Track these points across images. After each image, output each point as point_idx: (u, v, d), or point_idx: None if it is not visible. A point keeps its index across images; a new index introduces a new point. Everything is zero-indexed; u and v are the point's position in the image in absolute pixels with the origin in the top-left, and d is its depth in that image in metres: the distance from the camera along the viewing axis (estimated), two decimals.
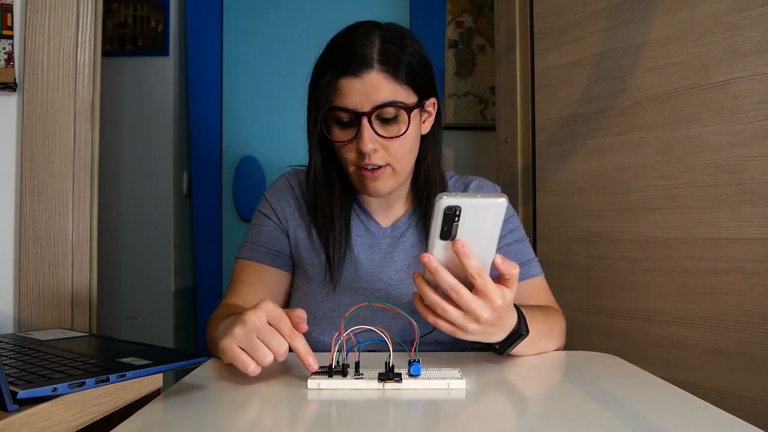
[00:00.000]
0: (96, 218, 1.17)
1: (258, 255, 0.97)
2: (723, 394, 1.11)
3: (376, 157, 0.87)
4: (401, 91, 0.87)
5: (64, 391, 0.53)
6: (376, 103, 0.85)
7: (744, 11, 1.10)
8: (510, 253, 0.97)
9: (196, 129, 2.13)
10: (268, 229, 0.99)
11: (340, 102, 0.86)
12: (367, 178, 0.89)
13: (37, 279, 1.11)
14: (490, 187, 1.03)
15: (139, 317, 2.04)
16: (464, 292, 0.65)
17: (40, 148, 1.11)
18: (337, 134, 0.89)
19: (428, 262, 0.64)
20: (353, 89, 0.85)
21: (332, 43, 0.91)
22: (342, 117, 0.87)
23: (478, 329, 0.68)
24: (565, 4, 1.44)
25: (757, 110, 1.08)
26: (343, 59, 0.86)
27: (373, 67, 0.85)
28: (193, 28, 2.11)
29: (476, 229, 0.63)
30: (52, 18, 1.12)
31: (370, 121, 0.85)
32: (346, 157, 0.90)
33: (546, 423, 0.56)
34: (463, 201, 0.61)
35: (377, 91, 0.85)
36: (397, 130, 0.87)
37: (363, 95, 0.85)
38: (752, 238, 1.09)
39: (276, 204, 1.00)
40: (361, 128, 0.85)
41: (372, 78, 0.85)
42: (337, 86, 0.86)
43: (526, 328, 0.77)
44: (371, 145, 0.85)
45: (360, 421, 0.58)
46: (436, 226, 0.63)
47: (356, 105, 0.85)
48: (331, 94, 0.86)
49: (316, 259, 0.97)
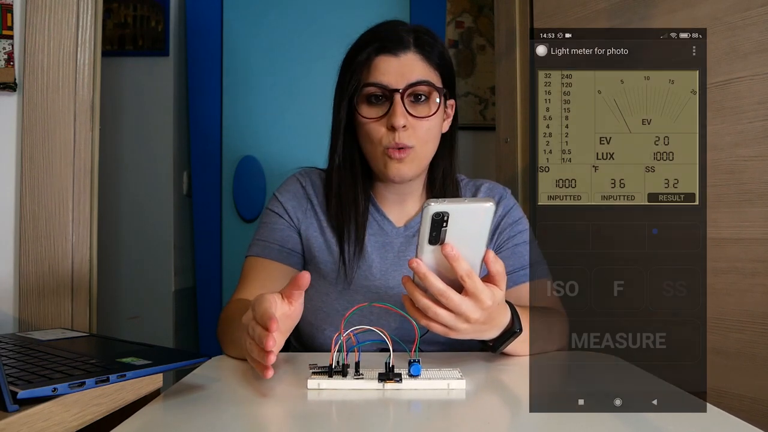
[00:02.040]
0: (96, 218, 1.17)
1: (271, 252, 0.97)
2: (723, 394, 1.11)
3: (404, 137, 0.89)
4: (433, 74, 0.92)
5: (64, 391, 0.53)
6: (410, 81, 0.89)
7: (744, 11, 1.10)
8: (516, 254, 0.97)
9: (196, 129, 2.13)
10: (280, 227, 0.99)
11: (375, 78, 0.90)
12: (393, 158, 0.90)
13: (37, 279, 1.11)
14: (499, 189, 1.04)
15: (139, 317, 2.03)
16: (453, 296, 0.66)
17: (40, 148, 1.11)
18: (367, 111, 0.91)
19: (417, 268, 0.66)
20: (390, 67, 0.89)
21: (367, 31, 0.95)
22: (375, 93, 0.90)
23: (469, 329, 0.69)
24: (565, 4, 1.44)
25: (757, 110, 1.08)
26: (381, 39, 0.91)
27: (409, 48, 0.90)
28: (193, 28, 2.11)
29: (464, 234, 0.64)
30: (52, 18, 1.12)
31: (402, 98, 0.89)
32: (373, 136, 0.91)
33: (546, 423, 0.56)
34: (450, 207, 0.62)
35: (413, 70, 0.89)
36: (427, 110, 0.91)
37: (399, 73, 0.89)
38: (752, 238, 1.09)
39: (288, 203, 1.00)
40: (393, 104, 0.88)
41: (408, 58, 0.90)
42: (373, 63, 0.90)
43: (519, 325, 0.77)
44: (402, 120, 0.88)
45: (360, 421, 0.58)
46: (425, 231, 0.64)
47: (390, 82, 0.89)
48: (365, 71, 0.91)
49: (329, 257, 0.97)
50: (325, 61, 0.95)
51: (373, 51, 0.90)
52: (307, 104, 2.05)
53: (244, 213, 2.11)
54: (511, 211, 1.00)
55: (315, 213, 1.00)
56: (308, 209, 1.00)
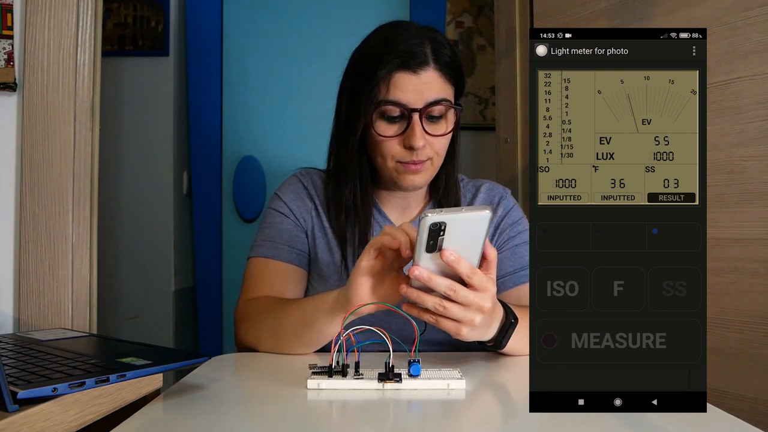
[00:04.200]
0: (96, 218, 1.17)
1: (280, 253, 0.95)
2: (723, 394, 1.11)
3: (422, 153, 0.89)
4: (449, 90, 0.90)
5: (64, 391, 0.53)
6: (428, 100, 0.87)
7: (744, 11, 1.10)
8: (517, 255, 0.97)
9: (196, 129, 2.13)
10: (287, 228, 0.98)
11: (394, 96, 0.87)
12: (409, 171, 0.90)
13: (37, 279, 1.11)
14: (499, 190, 1.04)
15: (139, 317, 2.03)
16: (461, 289, 0.67)
17: (40, 148, 1.11)
18: (383, 128, 0.89)
19: (420, 275, 0.66)
20: (409, 85, 0.86)
21: (381, 38, 0.91)
22: (391, 112, 0.88)
23: (481, 321, 0.69)
24: (565, 4, 1.44)
25: (757, 110, 1.08)
26: (400, 54, 0.87)
27: (429, 65, 0.87)
28: (193, 28, 2.11)
29: (462, 241, 0.65)
30: (52, 18, 1.12)
31: (421, 118, 0.87)
32: (387, 152, 0.90)
33: (546, 423, 0.56)
34: (447, 217, 0.63)
35: (432, 88, 0.87)
36: (444, 128, 0.90)
37: (418, 92, 0.86)
38: (752, 238, 1.09)
39: (292, 203, 0.99)
40: (412, 124, 0.87)
41: (428, 75, 0.87)
42: (392, 81, 0.87)
43: (513, 316, 0.78)
44: (421, 142, 0.87)
45: (360, 421, 0.58)
46: (422, 241, 0.64)
47: (410, 101, 0.87)
48: (384, 87, 0.87)
49: (330, 259, 0.96)
50: (325, 61, 0.95)
51: (393, 67, 0.86)
52: (307, 104, 2.05)
53: (244, 213, 2.11)
54: (511, 212, 1.00)
55: (318, 214, 0.99)
56: (311, 209, 1.00)
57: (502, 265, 0.95)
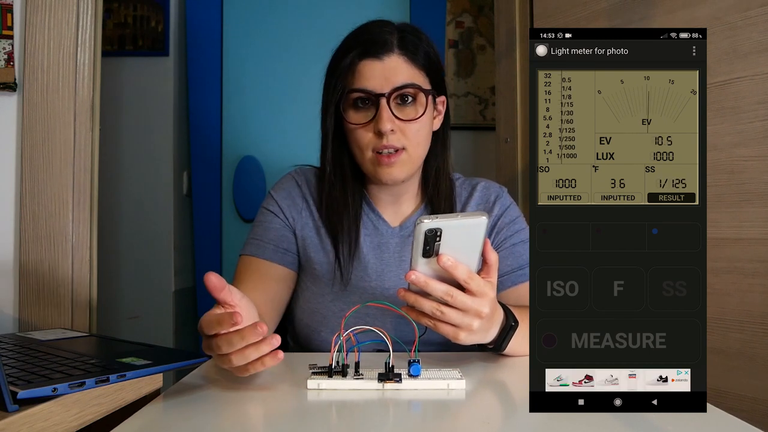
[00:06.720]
0: (96, 218, 1.17)
1: (265, 252, 0.96)
2: (723, 394, 1.11)
3: (394, 139, 0.88)
4: (419, 75, 0.90)
5: (64, 391, 0.53)
6: (395, 85, 0.87)
7: (744, 11, 1.10)
8: (515, 254, 0.97)
9: (196, 129, 2.13)
10: (275, 227, 0.98)
11: (360, 84, 0.88)
12: (383, 164, 0.90)
13: (37, 279, 1.11)
14: (495, 188, 1.03)
15: (139, 317, 2.03)
16: (458, 294, 0.67)
17: (40, 148, 1.11)
18: (353, 117, 0.90)
19: (417, 279, 0.66)
20: (373, 71, 0.87)
21: (351, 34, 0.93)
22: (360, 98, 0.89)
23: (479, 325, 0.69)
24: (565, 4, 1.44)
25: (757, 110, 1.08)
26: (363, 43, 0.89)
27: (393, 50, 0.88)
28: (193, 28, 2.11)
29: (459, 246, 0.65)
30: (52, 18, 1.12)
31: (388, 102, 0.87)
32: (361, 142, 0.90)
33: (546, 423, 0.56)
34: (443, 223, 0.63)
35: (397, 73, 0.87)
36: (414, 113, 0.89)
37: (383, 77, 0.87)
38: (752, 238, 1.09)
39: (283, 202, 1.00)
40: (379, 109, 0.87)
41: (392, 61, 0.88)
42: (357, 69, 0.88)
43: (514, 319, 0.78)
44: (389, 125, 0.87)
45: (360, 422, 0.58)
46: (418, 246, 0.64)
47: (375, 87, 0.87)
48: (350, 76, 0.89)
49: (324, 258, 0.96)
50: (324, 61, 0.95)
51: (356, 56, 0.88)
52: (306, 104, 2.03)
53: (244, 213, 2.11)
54: (507, 211, 1.00)
55: (310, 212, 0.99)
56: (303, 208, 0.99)
57: (500, 265, 0.95)
